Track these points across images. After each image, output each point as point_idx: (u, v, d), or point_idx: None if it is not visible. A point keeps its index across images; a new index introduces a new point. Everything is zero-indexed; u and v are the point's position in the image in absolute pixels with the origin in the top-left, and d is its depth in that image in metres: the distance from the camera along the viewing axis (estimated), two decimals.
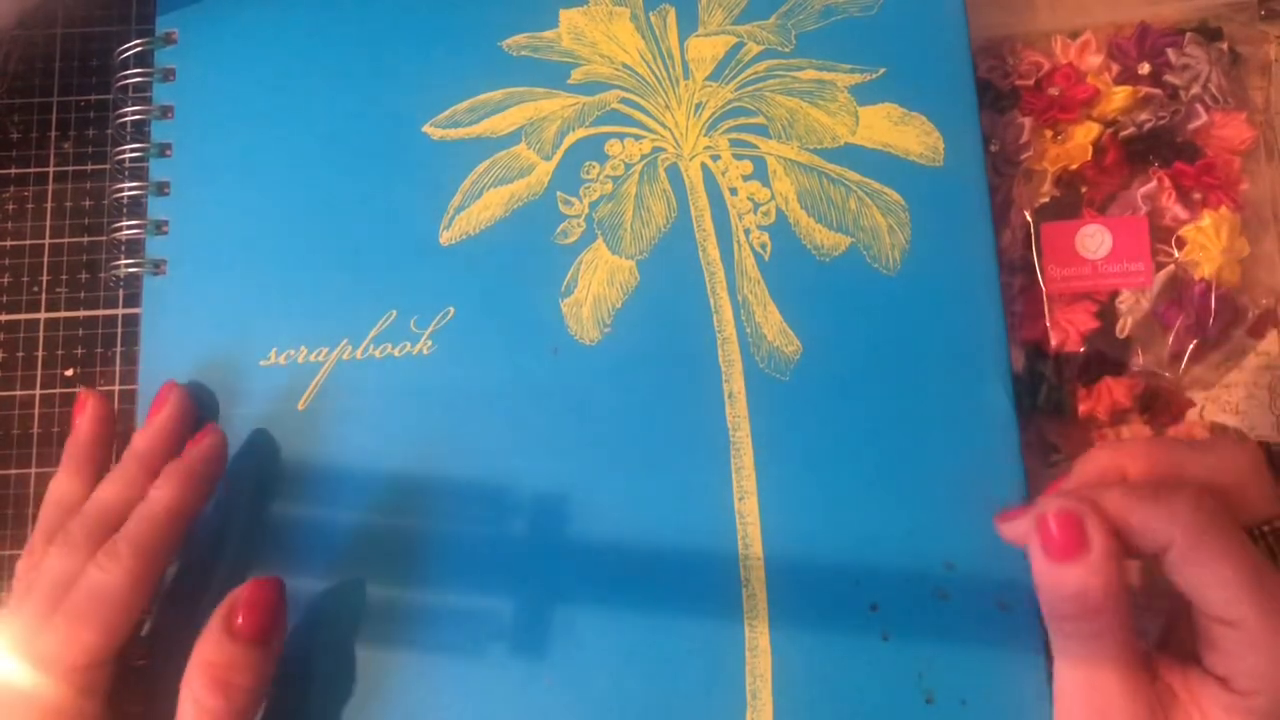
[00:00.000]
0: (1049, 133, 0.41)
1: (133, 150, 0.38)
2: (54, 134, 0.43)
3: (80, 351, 0.41)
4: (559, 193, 0.36)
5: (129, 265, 0.37)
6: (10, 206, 0.42)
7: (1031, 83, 0.41)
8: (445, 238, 0.36)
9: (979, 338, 0.34)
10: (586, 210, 0.36)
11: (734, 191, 0.36)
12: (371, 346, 0.35)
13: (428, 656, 0.33)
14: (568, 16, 0.38)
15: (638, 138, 0.37)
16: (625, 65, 0.37)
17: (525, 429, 0.34)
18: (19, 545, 0.40)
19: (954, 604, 0.32)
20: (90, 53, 0.44)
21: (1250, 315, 0.39)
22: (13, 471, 0.40)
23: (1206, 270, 0.38)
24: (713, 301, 0.35)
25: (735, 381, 0.34)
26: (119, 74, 0.38)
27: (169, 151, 0.37)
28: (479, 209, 0.36)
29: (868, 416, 0.34)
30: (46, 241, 0.42)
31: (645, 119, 0.37)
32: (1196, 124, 0.40)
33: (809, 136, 0.36)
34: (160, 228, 0.37)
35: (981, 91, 0.38)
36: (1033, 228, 0.39)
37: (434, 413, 0.34)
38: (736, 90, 0.37)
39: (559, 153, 0.37)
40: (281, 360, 0.35)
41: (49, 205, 0.42)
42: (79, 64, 0.44)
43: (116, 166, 0.38)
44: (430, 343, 0.35)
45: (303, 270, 0.36)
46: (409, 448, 0.34)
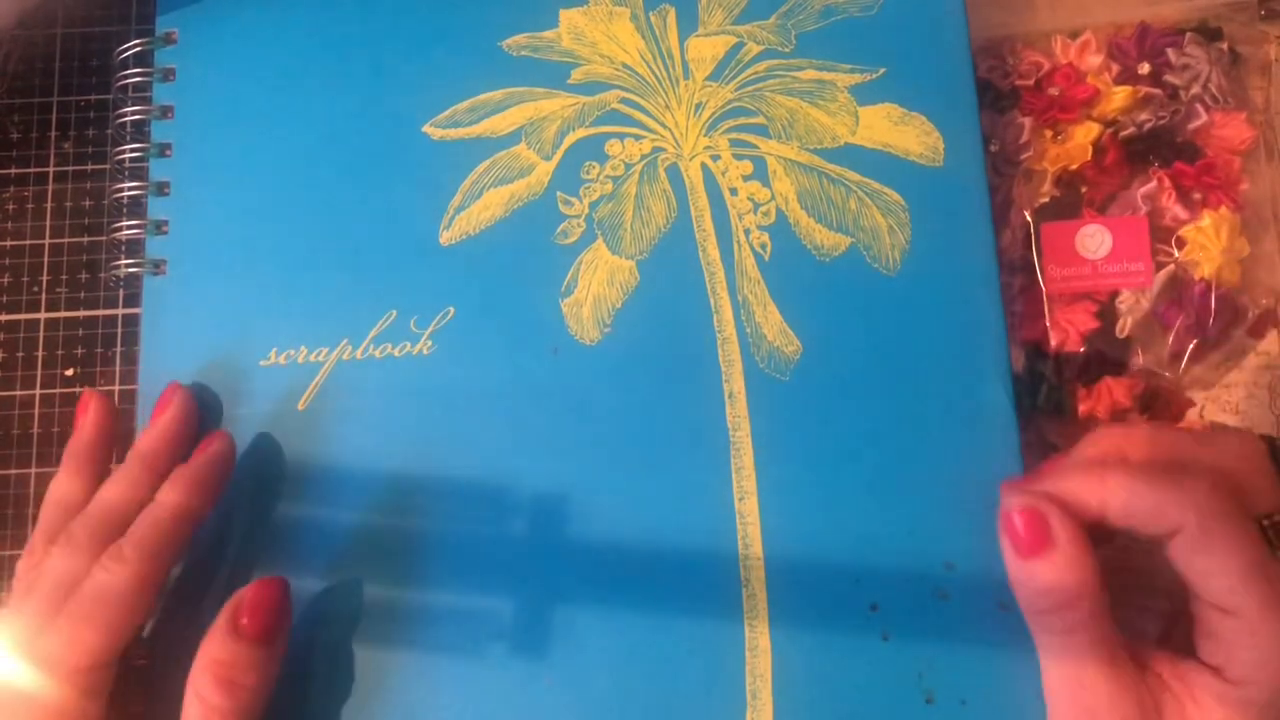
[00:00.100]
0: (1049, 133, 0.41)
1: (133, 150, 0.38)
2: (54, 134, 0.43)
3: (80, 351, 0.41)
4: (559, 193, 0.36)
5: (129, 265, 0.37)
6: (10, 206, 0.42)
7: (1031, 83, 0.41)
8: (445, 238, 0.36)
9: (979, 338, 0.34)
10: (586, 210, 0.36)
11: (734, 191, 0.36)
12: (371, 346, 0.35)
13: (428, 656, 0.33)
14: (568, 16, 0.38)
15: (638, 138, 0.37)
16: (625, 65, 0.37)
17: (525, 429, 0.34)
18: (19, 545, 0.40)
19: (954, 604, 0.32)
20: (90, 53, 0.44)
21: (1250, 315, 0.39)
22: (13, 471, 0.40)
23: (1206, 270, 0.38)
24: (713, 301, 0.35)
25: (735, 381, 0.34)
26: (119, 74, 0.38)
27: (169, 151, 0.37)
28: (479, 209, 0.36)
29: (868, 416, 0.34)
30: (46, 241, 0.42)
31: (645, 119, 0.37)
32: (1196, 124, 0.40)
33: (809, 136, 0.36)
34: (160, 228, 0.37)
35: (981, 91, 0.38)
36: (1033, 228, 0.40)
37: (434, 413, 0.34)
38: (736, 90, 0.37)
39: (559, 153, 0.37)
40: (281, 360, 0.35)
41: (49, 205, 0.42)
42: (79, 64, 0.44)
43: (116, 166, 0.38)
44: (430, 343, 0.35)
45: (303, 270, 0.36)
46: (409, 448, 0.34)
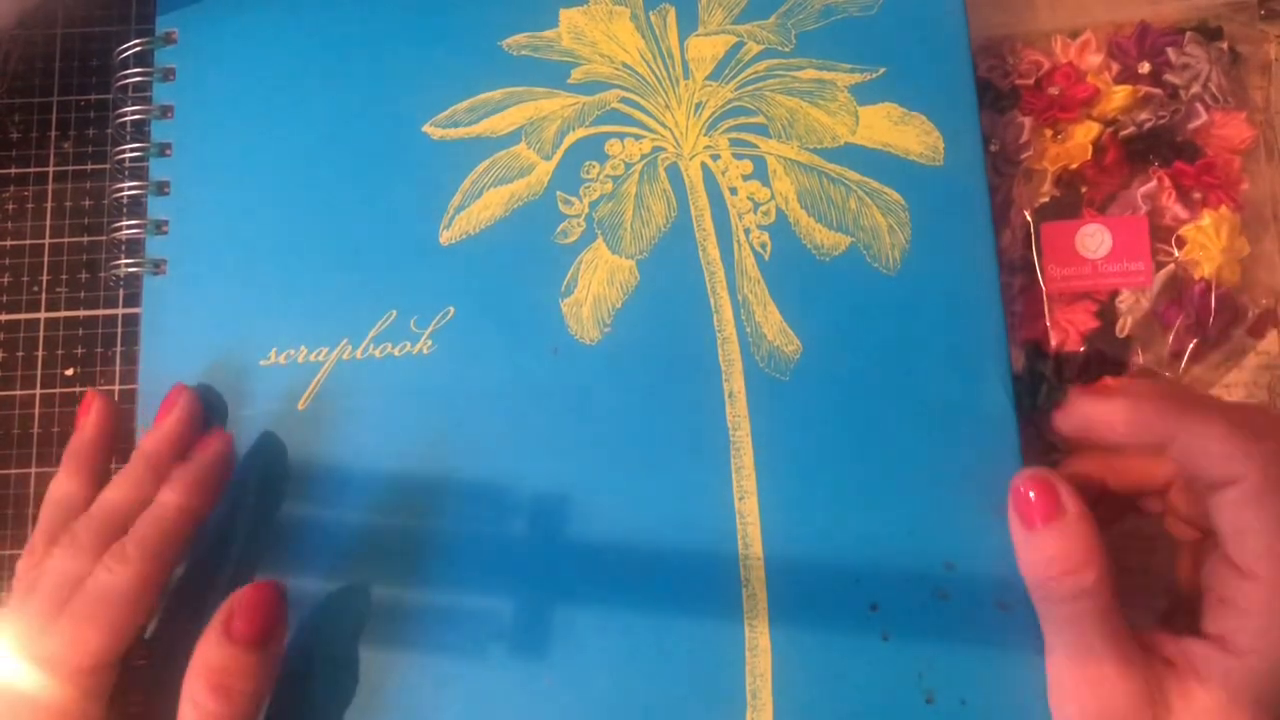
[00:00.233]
0: (1049, 132, 0.41)
1: (133, 150, 0.38)
2: (54, 134, 0.43)
3: (80, 351, 0.41)
4: (559, 192, 0.36)
5: (129, 265, 0.37)
6: (10, 206, 0.42)
7: (1031, 82, 0.41)
8: (445, 237, 0.36)
9: (979, 338, 0.34)
10: (586, 210, 0.36)
11: (734, 191, 0.36)
12: (371, 346, 0.35)
13: (428, 657, 0.33)
14: (568, 16, 0.38)
15: (638, 137, 0.37)
16: (625, 65, 0.37)
17: (525, 429, 0.34)
18: (19, 545, 0.40)
19: (954, 604, 0.32)
20: (90, 53, 0.44)
21: (1250, 315, 0.39)
22: (13, 471, 0.40)
23: (1206, 270, 0.38)
24: (713, 301, 0.35)
25: (735, 381, 0.34)
26: (119, 74, 0.38)
27: (169, 151, 0.37)
28: (479, 209, 0.36)
29: (868, 416, 0.34)
30: (46, 241, 0.42)
31: (645, 119, 0.37)
32: (1196, 123, 0.40)
33: (809, 136, 0.36)
34: (160, 228, 0.37)
35: (981, 91, 0.38)
36: (1033, 227, 0.40)
37: (434, 413, 0.34)
38: (736, 90, 0.37)
39: (559, 152, 0.36)
40: (281, 360, 0.35)
41: (49, 205, 0.42)
42: (79, 64, 0.44)
43: (116, 166, 0.38)
44: (430, 342, 0.35)
45: (303, 270, 0.36)
46: (409, 448, 0.34)
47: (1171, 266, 0.39)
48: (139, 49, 0.38)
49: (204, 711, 0.28)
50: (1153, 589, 0.34)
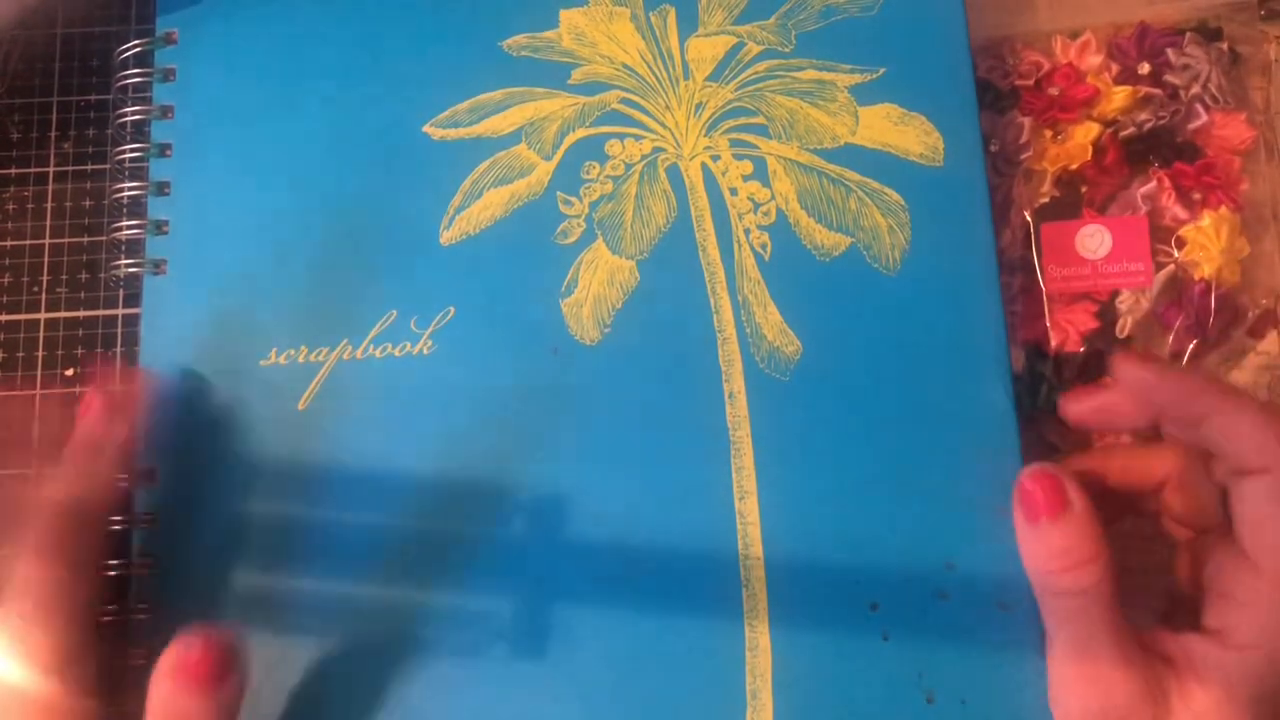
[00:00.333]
0: (1049, 133, 0.41)
1: (133, 150, 0.38)
2: (54, 134, 0.43)
3: (80, 351, 0.41)
4: (559, 193, 0.36)
5: (129, 265, 0.37)
6: (10, 206, 0.42)
7: (1031, 83, 0.41)
8: (445, 238, 0.36)
9: (979, 338, 0.34)
10: (586, 210, 0.36)
11: (734, 191, 0.36)
12: (371, 346, 0.35)
13: (427, 656, 0.33)
14: (568, 16, 0.38)
15: (638, 138, 0.37)
16: (625, 65, 0.37)
17: (525, 429, 0.34)
18: None
19: (954, 604, 0.32)
20: (90, 53, 0.44)
21: (1250, 315, 0.39)
22: (13, 471, 0.40)
23: (1206, 270, 0.39)
24: (713, 301, 0.35)
25: (735, 381, 0.34)
26: (119, 74, 0.38)
27: (169, 151, 0.37)
28: (479, 209, 0.36)
29: (868, 416, 0.34)
30: (46, 241, 0.42)
31: (645, 119, 0.37)
32: (1196, 124, 0.40)
33: (809, 136, 0.36)
34: (160, 228, 0.37)
35: (981, 91, 0.38)
36: (1033, 228, 0.40)
37: (434, 413, 0.34)
38: (737, 90, 0.37)
39: (559, 153, 0.37)
40: (281, 360, 0.35)
41: (49, 205, 0.42)
42: (79, 64, 0.44)
43: (116, 166, 0.38)
44: (430, 343, 0.35)
45: (303, 270, 0.36)
46: (409, 448, 0.34)
47: (1171, 267, 0.39)
48: (139, 49, 0.38)
49: None
50: (1152, 589, 0.34)
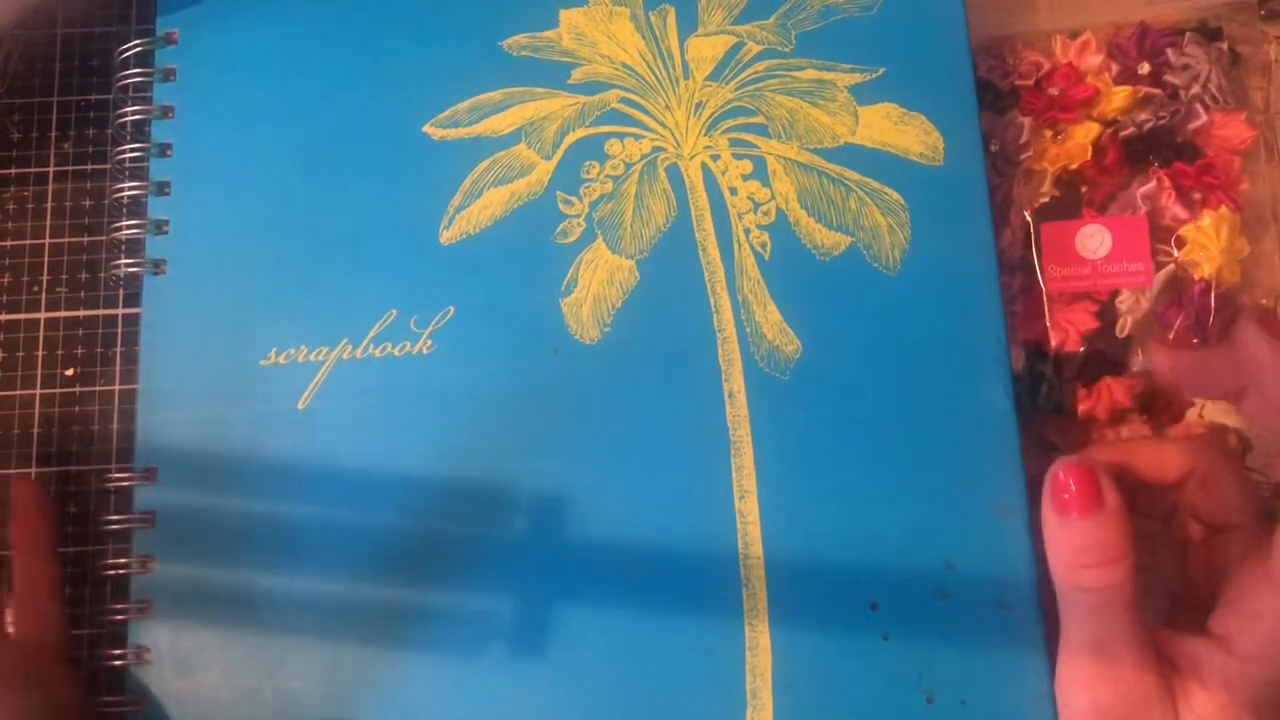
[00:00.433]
0: (1049, 133, 0.41)
1: (133, 150, 0.38)
2: (54, 134, 0.43)
3: (80, 351, 0.41)
4: (559, 192, 0.36)
5: (129, 265, 0.37)
6: (10, 206, 0.42)
7: (1031, 83, 0.41)
8: (445, 237, 0.36)
9: (979, 338, 0.34)
10: (586, 210, 0.36)
11: (734, 191, 0.36)
12: (371, 346, 0.35)
13: (427, 656, 0.33)
14: (568, 16, 0.38)
15: (638, 137, 0.37)
16: (625, 65, 0.37)
17: (525, 429, 0.34)
18: None
19: (954, 604, 0.32)
20: (90, 53, 0.44)
21: (1238, 320, 0.39)
22: (13, 471, 0.40)
23: (1206, 270, 0.39)
24: (712, 301, 0.35)
25: (735, 381, 0.34)
26: (119, 74, 0.38)
27: (169, 151, 0.37)
28: (479, 208, 0.36)
29: (868, 416, 0.34)
30: (46, 241, 0.42)
31: (645, 119, 0.37)
32: (1196, 124, 0.40)
33: (809, 136, 0.36)
34: (160, 228, 0.37)
35: (981, 91, 0.38)
36: (1032, 228, 0.40)
37: (434, 413, 0.34)
38: (736, 90, 0.37)
39: (559, 152, 0.37)
40: (281, 360, 0.35)
41: (49, 205, 0.42)
42: (79, 64, 0.44)
43: (116, 166, 0.38)
44: (430, 342, 0.35)
45: (303, 270, 0.36)
46: (409, 448, 0.34)
47: (1171, 267, 0.39)
48: (139, 49, 0.38)
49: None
50: (1153, 589, 0.34)
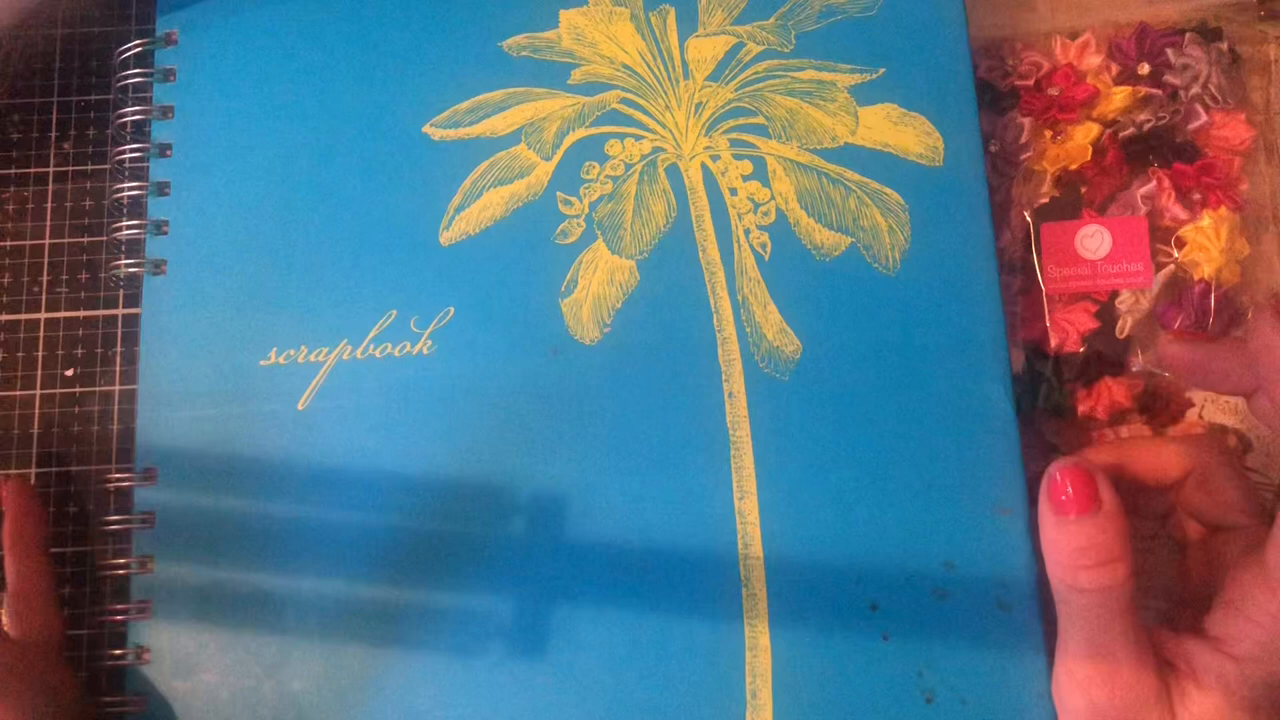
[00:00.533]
0: (1049, 133, 0.41)
1: (133, 150, 0.38)
2: (54, 134, 0.43)
3: (80, 351, 0.41)
4: (559, 193, 0.36)
5: (129, 265, 0.37)
6: (10, 206, 0.42)
7: (1031, 83, 0.41)
8: (445, 238, 0.36)
9: (979, 338, 0.34)
10: (586, 210, 0.36)
11: (734, 191, 0.36)
12: (371, 346, 0.35)
13: (428, 656, 0.33)
14: (568, 17, 0.38)
15: (638, 138, 0.37)
16: (625, 66, 0.37)
17: (525, 429, 0.34)
18: None
19: (954, 604, 0.32)
20: (90, 53, 0.44)
21: (1250, 315, 0.39)
22: (12, 471, 0.40)
23: (1206, 270, 0.39)
24: (713, 301, 0.35)
25: (735, 381, 0.34)
26: (119, 74, 0.38)
27: (169, 151, 0.37)
28: (479, 209, 0.36)
29: (868, 416, 0.34)
30: (46, 241, 0.42)
31: (645, 119, 0.37)
32: (1196, 124, 0.40)
33: (809, 136, 0.36)
34: (160, 228, 0.37)
35: (981, 91, 0.38)
36: (1032, 228, 0.40)
37: (434, 413, 0.34)
38: (736, 90, 0.37)
39: (559, 153, 0.37)
40: (281, 360, 0.35)
41: (49, 205, 0.42)
42: (79, 64, 0.44)
43: (116, 166, 0.38)
44: (430, 343, 0.35)
45: (303, 270, 0.36)
46: (409, 448, 0.34)
47: (1171, 267, 0.39)
48: (139, 49, 0.38)
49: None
50: (1152, 589, 0.34)
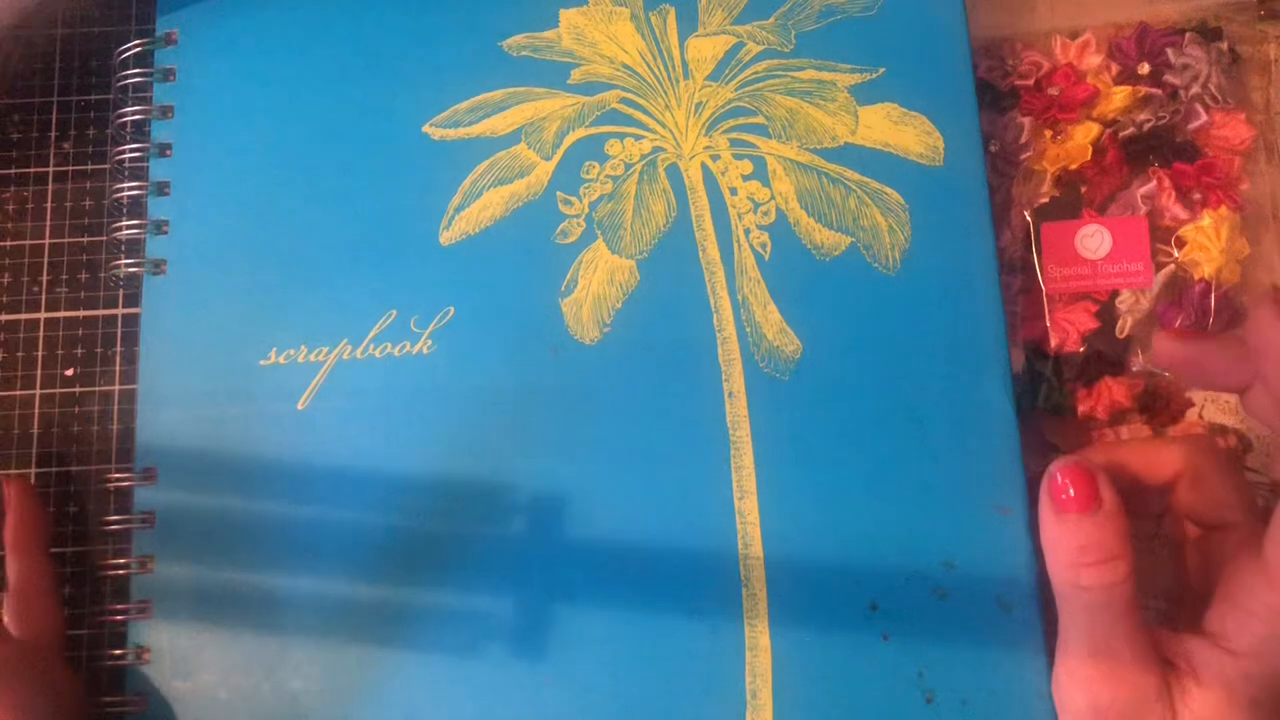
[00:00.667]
0: (1049, 133, 0.41)
1: (133, 150, 0.38)
2: (54, 134, 0.43)
3: (80, 351, 0.41)
4: (559, 192, 0.36)
5: (129, 265, 0.37)
6: (10, 206, 0.42)
7: (1031, 83, 0.41)
8: (445, 238, 0.36)
9: (979, 338, 0.34)
10: (586, 210, 0.36)
11: (734, 191, 0.36)
12: (371, 346, 0.35)
13: (427, 656, 0.33)
14: (568, 17, 0.38)
15: (638, 137, 0.37)
16: (625, 65, 0.37)
17: (525, 429, 0.34)
18: None
19: (954, 604, 0.32)
20: (90, 53, 0.44)
21: (1249, 307, 0.39)
22: (13, 471, 0.40)
23: (1206, 270, 0.38)
24: (713, 301, 0.35)
25: (735, 381, 0.34)
26: (119, 74, 0.38)
27: (169, 151, 0.37)
28: (479, 209, 0.36)
29: (868, 416, 0.34)
30: (46, 241, 0.42)
31: (645, 119, 0.37)
32: (1196, 124, 0.40)
33: (809, 136, 0.36)
34: (160, 228, 0.37)
35: (981, 91, 0.38)
36: (1032, 228, 0.40)
37: (434, 413, 0.34)
38: (736, 90, 0.37)
39: (559, 153, 0.37)
40: (281, 360, 0.35)
41: (49, 205, 0.42)
42: (79, 64, 0.44)
43: (116, 166, 0.38)
44: (430, 342, 0.35)
45: (303, 270, 0.36)
46: (409, 448, 0.34)
47: (1171, 267, 0.39)
48: (139, 49, 0.38)
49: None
50: (1151, 589, 0.34)
